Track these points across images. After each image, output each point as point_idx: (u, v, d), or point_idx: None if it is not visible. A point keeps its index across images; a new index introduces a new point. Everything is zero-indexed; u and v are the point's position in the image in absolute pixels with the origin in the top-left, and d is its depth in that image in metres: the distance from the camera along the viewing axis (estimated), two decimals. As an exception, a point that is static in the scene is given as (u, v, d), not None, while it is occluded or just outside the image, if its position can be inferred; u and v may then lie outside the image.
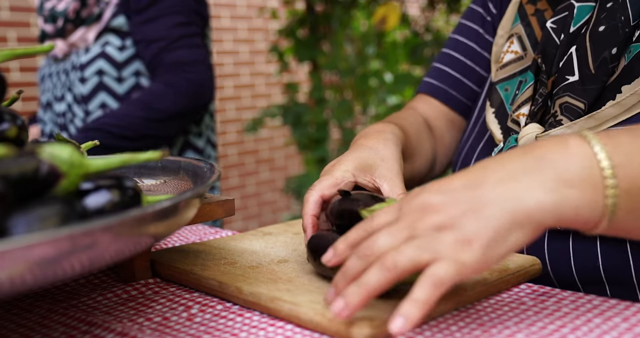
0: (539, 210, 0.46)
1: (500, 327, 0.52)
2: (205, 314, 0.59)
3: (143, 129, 1.37)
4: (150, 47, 1.41)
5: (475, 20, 0.98)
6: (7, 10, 2.80)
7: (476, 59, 0.97)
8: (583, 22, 0.76)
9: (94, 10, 1.44)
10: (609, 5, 0.72)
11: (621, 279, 0.71)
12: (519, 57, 0.83)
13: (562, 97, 0.73)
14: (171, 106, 1.38)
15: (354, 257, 0.50)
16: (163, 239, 0.51)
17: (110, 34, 1.44)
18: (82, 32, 1.45)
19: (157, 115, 1.37)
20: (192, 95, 1.40)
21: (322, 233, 0.63)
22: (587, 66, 0.72)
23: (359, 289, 0.48)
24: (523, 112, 0.78)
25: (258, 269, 0.66)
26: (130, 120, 1.36)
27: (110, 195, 0.48)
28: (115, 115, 1.37)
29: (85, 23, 1.45)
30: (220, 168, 0.63)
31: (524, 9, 0.86)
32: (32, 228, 0.39)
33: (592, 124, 0.70)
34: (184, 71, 1.39)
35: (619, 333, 0.50)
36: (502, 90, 0.84)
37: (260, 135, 3.89)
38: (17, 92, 0.58)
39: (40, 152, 0.44)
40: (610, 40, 0.70)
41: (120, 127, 1.35)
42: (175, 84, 1.38)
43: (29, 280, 0.37)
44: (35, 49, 0.53)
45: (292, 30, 3.08)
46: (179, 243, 0.86)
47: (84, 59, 1.44)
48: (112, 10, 1.44)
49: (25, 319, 0.60)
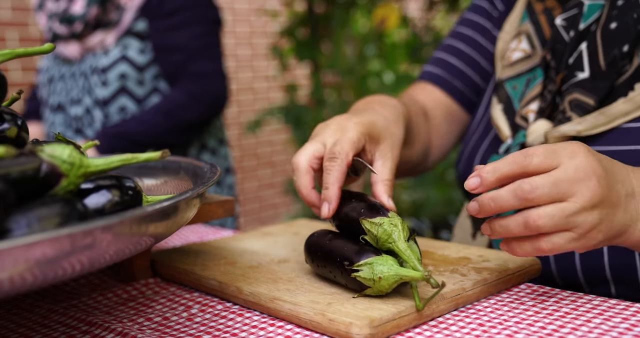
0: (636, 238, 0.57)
1: (500, 327, 0.52)
2: (205, 314, 0.59)
3: (164, 137, 1.41)
4: (172, 55, 1.44)
5: (480, 14, 0.97)
6: (7, 10, 2.80)
7: (480, 51, 0.96)
8: (593, 19, 0.75)
9: (113, 15, 1.44)
10: (619, 3, 0.72)
11: (627, 278, 0.71)
12: (527, 56, 0.83)
13: (571, 93, 0.73)
14: (193, 117, 1.44)
15: (510, 193, 0.53)
16: (163, 239, 0.51)
17: (130, 37, 1.44)
18: (102, 36, 1.45)
19: (179, 125, 1.43)
20: (211, 106, 1.47)
21: (320, 234, 0.63)
22: (597, 63, 0.72)
23: (500, 229, 0.54)
24: (532, 109, 0.77)
25: (258, 269, 0.66)
26: (153, 129, 1.39)
27: (110, 195, 0.48)
28: (138, 122, 1.39)
29: (104, 27, 1.44)
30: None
31: (532, 7, 0.85)
32: (32, 229, 0.39)
33: (602, 121, 0.70)
34: (205, 83, 1.45)
35: (618, 333, 0.50)
36: (510, 88, 0.83)
37: (260, 135, 3.89)
38: (17, 92, 0.58)
39: (40, 152, 0.44)
40: (622, 38, 0.70)
41: (144, 135, 1.38)
42: (198, 95, 1.44)
43: (29, 280, 0.37)
44: (35, 49, 0.53)
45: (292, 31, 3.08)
46: (179, 244, 0.86)
47: (105, 62, 1.43)
48: (133, 14, 1.44)
49: (25, 319, 0.60)
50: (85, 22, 1.43)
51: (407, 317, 0.52)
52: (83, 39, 1.47)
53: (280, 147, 4.10)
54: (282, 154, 4.16)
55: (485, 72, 0.96)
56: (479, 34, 0.96)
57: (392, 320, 0.51)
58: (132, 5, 1.44)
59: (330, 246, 0.59)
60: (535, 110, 0.77)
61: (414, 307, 0.53)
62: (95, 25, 1.44)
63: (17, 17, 2.83)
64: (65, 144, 0.46)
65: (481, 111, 0.92)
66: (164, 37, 1.44)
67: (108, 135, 1.37)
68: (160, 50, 1.44)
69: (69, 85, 1.50)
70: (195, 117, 1.45)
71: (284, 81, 3.26)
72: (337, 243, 0.59)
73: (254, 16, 3.86)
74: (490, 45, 0.95)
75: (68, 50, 1.49)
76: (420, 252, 0.57)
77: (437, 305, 0.55)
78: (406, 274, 0.53)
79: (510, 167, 0.53)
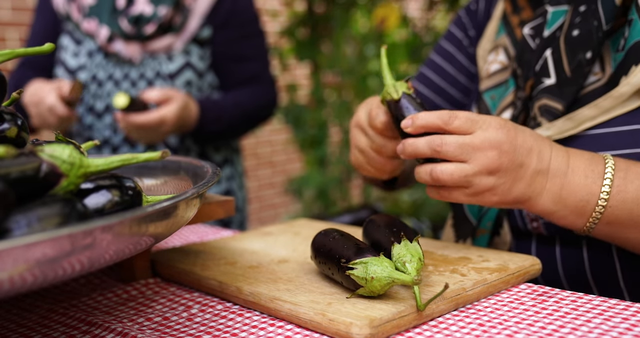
0: (538, 209, 0.66)
1: (500, 327, 0.52)
2: (205, 314, 0.59)
3: (239, 127, 1.49)
4: (245, 64, 1.48)
5: (452, 41, 0.99)
6: (7, 10, 2.80)
7: (451, 81, 0.98)
8: (557, 26, 0.77)
9: (177, 18, 1.40)
10: (582, 9, 0.73)
11: (609, 283, 0.72)
12: (504, 67, 0.85)
13: (540, 99, 0.75)
14: (263, 119, 1.55)
15: (425, 142, 0.64)
16: (163, 239, 0.51)
17: (193, 43, 1.42)
18: (170, 40, 1.40)
19: (250, 123, 1.52)
20: (272, 112, 1.58)
21: (328, 231, 0.63)
22: (562, 69, 0.73)
23: (407, 149, 0.65)
24: (505, 117, 0.79)
25: (258, 269, 0.66)
26: (239, 116, 1.45)
27: (110, 195, 0.48)
28: (234, 106, 1.44)
29: (172, 30, 1.40)
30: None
31: (507, 19, 0.87)
32: (32, 229, 0.39)
33: (569, 126, 0.72)
34: (272, 90, 1.54)
35: (618, 333, 0.50)
36: (488, 98, 0.85)
37: (260, 135, 3.89)
38: (17, 92, 0.58)
39: (40, 152, 0.44)
40: (585, 45, 0.72)
41: (232, 118, 1.43)
42: (271, 100, 1.54)
43: (29, 280, 0.37)
44: (35, 49, 0.53)
45: (292, 31, 3.08)
46: (179, 244, 0.86)
47: (172, 68, 1.39)
48: (199, 20, 1.42)
49: (25, 319, 0.60)
50: (159, 24, 1.37)
51: (407, 317, 0.52)
52: (147, 41, 1.39)
53: (280, 147, 4.10)
54: (282, 154, 4.16)
55: (457, 101, 0.98)
56: (450, 64, 0.99)
57: (392, 320, 0.51)
58: (198, 10, 1.42)
59: (332, 244, 0.59)
60: (508, 118, 0.79)
61: (414, 307, 0.53)
62: (166, 28, 1.40)
63: (17, 17, 2.83)
64: (65, 143, 0.46)
65: None
66: (236, 47, 1.46)
67: (213, 104, 1.40)
68: (231, 60, 1.46)
69: (124, 88, 1.40)
70: (266, 119, 1.56)
71: (284, 81, 3.26)
72: (340, 241, 0.59)
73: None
74: (461, 74, 0.97)
75: (127, 51, 1.39)
76: (422, 253, 0.57)
77: (437, 305, 0.55)
78: (398, 277, 0.53)
79: (435, 120, 0.64)
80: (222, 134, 1.44)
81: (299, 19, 3.11)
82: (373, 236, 0.64)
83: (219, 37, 1.44)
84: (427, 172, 0.64)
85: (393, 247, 0.57)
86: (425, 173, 0.64)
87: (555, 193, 0.64)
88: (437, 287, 0.58)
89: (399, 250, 0.57)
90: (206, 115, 1.37)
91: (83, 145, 0.61)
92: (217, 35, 1.44)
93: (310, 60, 3.11)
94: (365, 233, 0.66)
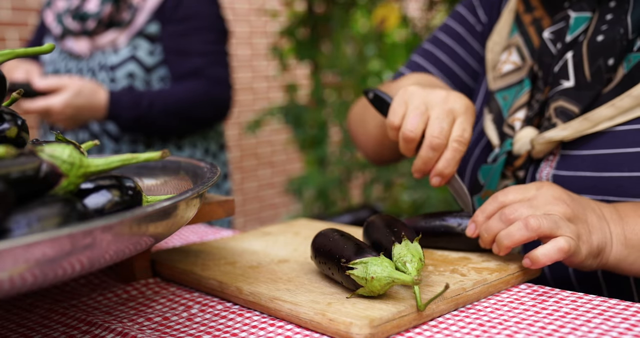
0: (612, 257, 0.64)
1: (500, 327, 0.52)
2: (205, 314, 0.59)
3: (163, 121, 1.46)
4: (188, 59, 1.47)
5: (462, 24, 0.96)
6: (7, 10, 2.80)
7: (460, 62, 0.96)
8: (580, 31, 0.76)
9: (125, 14, 1.47)
10: (608, 17, 0.73)
11: (619, 283, 0.71)
12: (517, 68, 0.84)
13: (556, 100, 0.74)
14: (205, 116, 1.51)
15: (496, 220, 0.63)
16: (163, 239, 0.51)
17: (141, 38, 1.47)
18: (114, 35, 1.47)
19: (188, 123, 1.50)
20: (218, 111, 1.53)
21: (328, 231, 0.63)
22: (582, 73, 0.73)
23: (504, 241, 0.61)
24: (518, 117, 0.79)
25: (258, 269, 0.66)
26: (166, 118, 1.44)
27: (110, 195, 0.48)
28: (162, 100, 1.43)
29: (116, 26, 1.47)
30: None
31: (520, 19, 0.87)
32: (32, 228, 0.39)
33: (586, 126, 0.71)
34: (218, 88, 1.50)
35: (618, 333, 0.50)
36: (500, 99, 0.85)
37: (260, 135, 3.89)
38: (17, 92, 0.58)
39: (40, 152, 0.44)
40: (609, 51, 0.72)
41: (152, 110, 1.42)
42: (212, 98, 1.49)
43: (29, 280, 0.37)
44: (35, 49, 0.53)
45: (292, 31, 3.08)
46: (179, 244, 0.86)
47: (115, 60, 1.46)
48: (146, 16, 1.47)
49: (25, 319, 0.60)
50: (99, 20, 1.46)
51: (407, 317, 0.52)
52: (94, 37, 1.49)
53: (280, 147, 4.10)
54: (282, 154, 4.16)
55: (467, 86, 0.96)
56: (460, 46, 0.96)
57: (392, 320, 0.51)
58: (145, 6, 1.47)
59: (332, 243, 0.59)
60: (521, 118, 0.79)
61: (414, 307, 0.53)
62: (108, 23, 1.47)
63: (17, 17, 2.83)
64: (65, 144, 0.46)
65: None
66: (179, 41, 1.47)
67: (130, 91, 1.42)
68: (174, 53, 1.47)
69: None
70: (204, 117, 1.51)
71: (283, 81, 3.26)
72: (340, 241, 0.59)
73: (254, 16, 3.86)
74: (471, 57, 0.95)
75: (77, 46, 1.51)
76: (422, 253, 0.57)
77: (437, 305, 0.55)
78: (398, 277, 0.53)
79: (492, 206, 0.65)
80: (147, 122, 1.43)
81: (298, 19, 3.11)
82: (373, 236, 0.64)
83: (165, 31, 1.48)
84: (522, 227, 0.60)
85: (394, 247, 0.57)
86: (519, 228, 0.60)
87: (621, 235, 0.64)
88: (437, 287, 0.58)
89: (400, 250, 0.57)
90: (118, 100, 1.40)
91: (83, 145, 0.61)
92: (164, 29, 1.48)
93: (310, 60, 3.11)
94: (366, 233, 0.66)
